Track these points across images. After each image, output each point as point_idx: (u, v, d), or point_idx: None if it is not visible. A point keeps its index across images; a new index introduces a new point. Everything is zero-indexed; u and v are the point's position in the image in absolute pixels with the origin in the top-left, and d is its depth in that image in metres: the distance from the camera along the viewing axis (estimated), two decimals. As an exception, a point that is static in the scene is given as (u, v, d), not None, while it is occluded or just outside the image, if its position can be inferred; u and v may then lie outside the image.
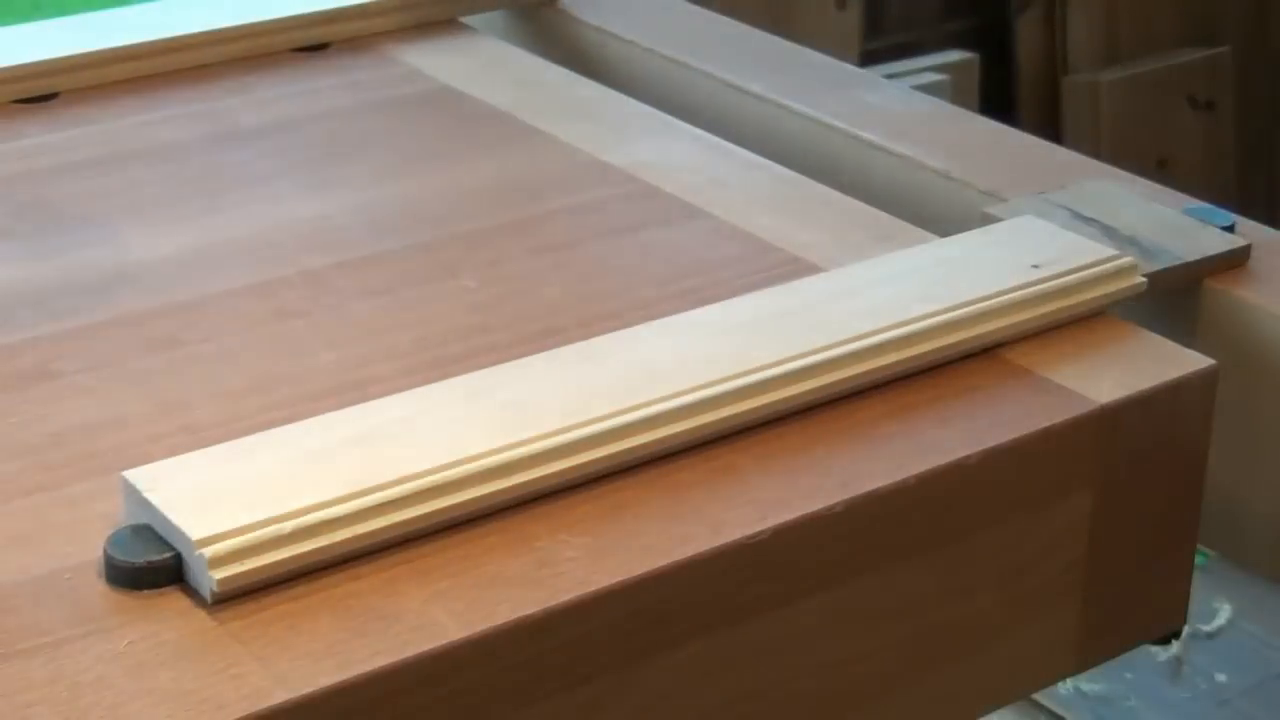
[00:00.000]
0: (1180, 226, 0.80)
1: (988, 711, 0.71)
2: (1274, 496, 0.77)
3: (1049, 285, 0.72)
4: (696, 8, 1.10)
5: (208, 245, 0.81)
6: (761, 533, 0.60)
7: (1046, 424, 0.66)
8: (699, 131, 0.93)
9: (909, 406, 0.67)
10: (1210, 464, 0.72)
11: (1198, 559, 0.74)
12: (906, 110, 0.95)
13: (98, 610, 0.56)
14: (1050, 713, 1.71)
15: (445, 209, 0.84)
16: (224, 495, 0.58)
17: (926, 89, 2.26)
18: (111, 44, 0.98)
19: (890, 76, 2.22)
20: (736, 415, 0.65)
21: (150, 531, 0.58)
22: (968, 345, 0.70)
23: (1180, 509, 0.72)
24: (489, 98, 0.97)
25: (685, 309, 0.72)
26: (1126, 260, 0.75)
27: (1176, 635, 0.76)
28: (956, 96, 2.34)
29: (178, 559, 0.57)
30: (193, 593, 0.56)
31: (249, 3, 1.03)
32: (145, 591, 0.57)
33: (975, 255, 0.75)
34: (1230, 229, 0.80)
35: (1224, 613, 1.84)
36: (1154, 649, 1.71)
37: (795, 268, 0.78)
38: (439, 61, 1.01)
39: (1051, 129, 2.57)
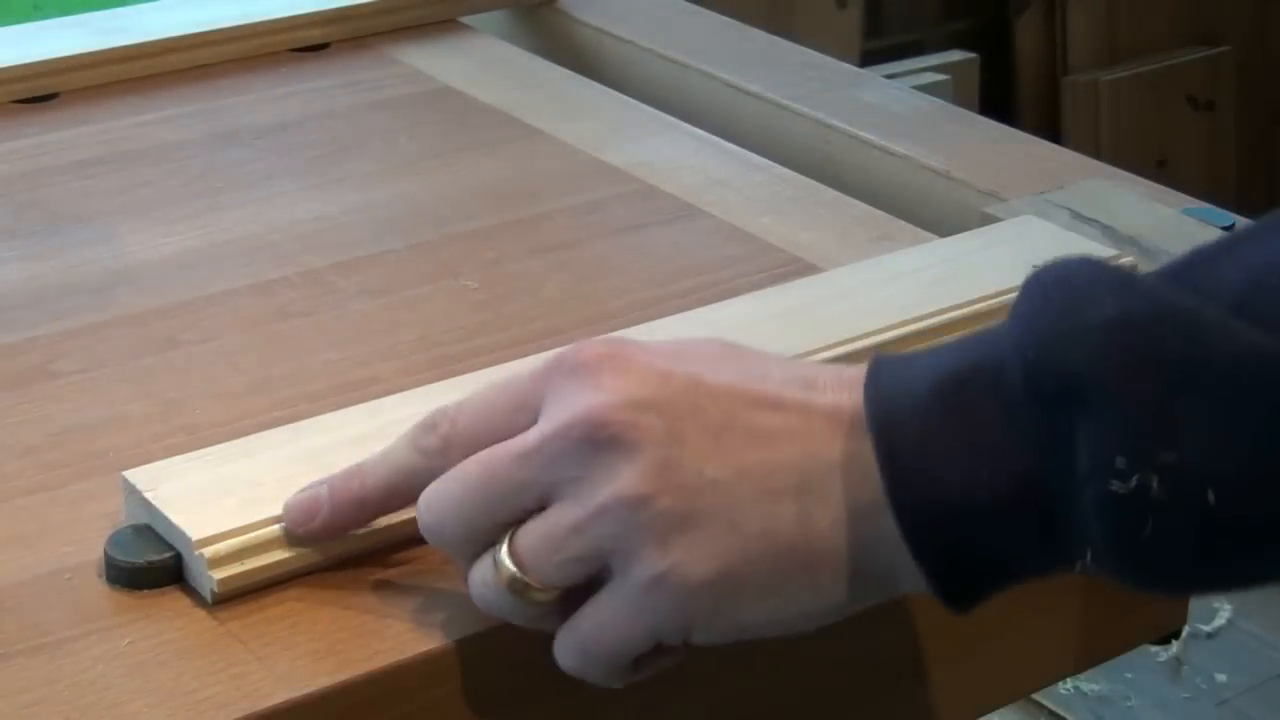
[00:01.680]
0: (1180, 226, 0.80)
1: (988, 711, 0.71)
2: (1274, 496, 0.77)
3: (1049, 285, 0.72)
4: (696, 8, 1.10)
5: (208, 245, 0.81)
6: (761, 533, 0.60)
7: (1046, 424, 0.66)
8: (699, 131, 0.93)
9: (909, 406, 0.67)
10: (1210, 464, 0.72)
11: (1198, 559, 0.73)
12: (906, 110, 0.95)
13: (98, 610, 0.56)
14: (1050, 713, 1.70)
15: (445, 209, 0.84)
16: (224, 495, 0.58)
17: (926, 89, 2.26)
18: (111, 44, 0.98)
19: (890, 76, 2.22)
20: (736, 415, 0.65)
21: (150, 531, 0.58)
22: (968, 345, 0.70)
23: (1180, 509, 0.72)
24: (489, 98, 0.97)
25: (685, 309, 0.72)
26: (1126, 260, 0.75)
27: (1176, 635, 0.76)
28: (956, 96, 2.34)
29: (178, 559, 0.57)
30: (193, 593, 0.57)
31: (249, 3, 1.03)
32: (145, 591, 0.57)
33: (975, 255, 0.75)
34: (1230, 229, 0.80)
35: (1224, 613, 1.84)
36: (1154, 649, 1.71)
37: (795, 268, 0.78)
38: (439, 61, 1.01)
39: (1051, 129, 2.57)
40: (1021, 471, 0.49)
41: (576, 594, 0.53)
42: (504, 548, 0.53)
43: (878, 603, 0.53)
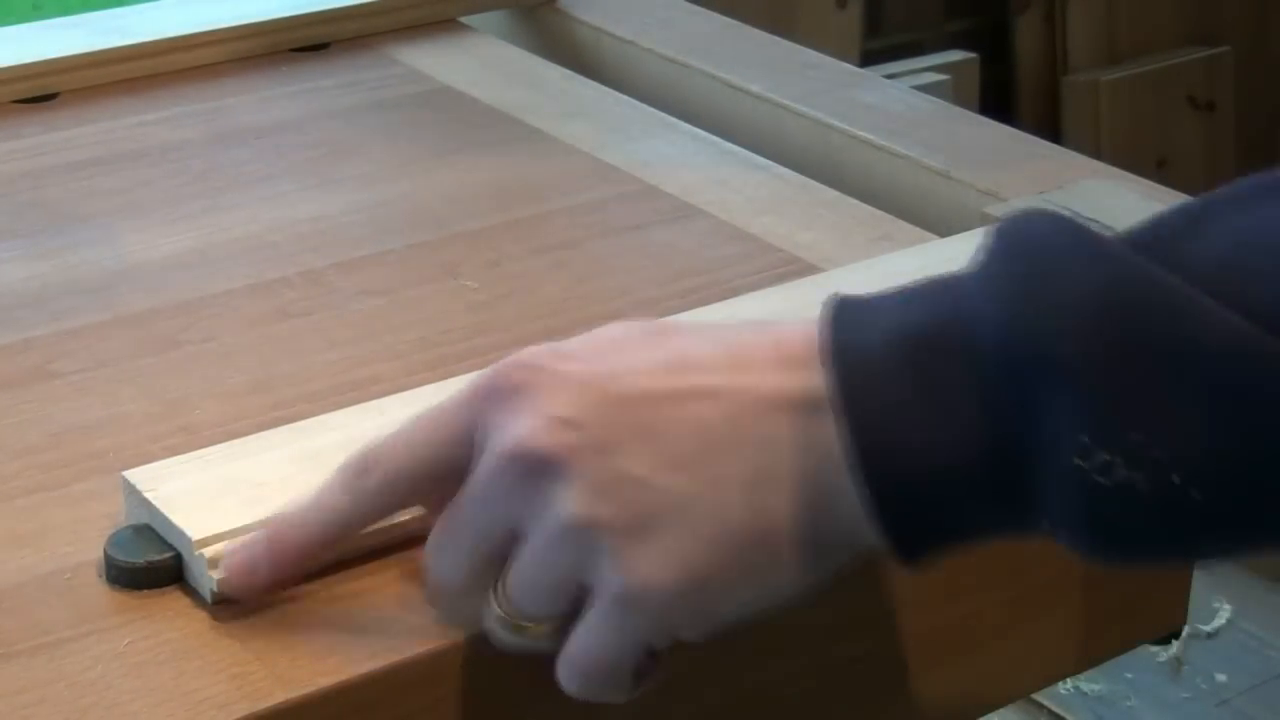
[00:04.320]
0: (1180, 226, 0.80)
1: (988, 711, 0.71)
2: (1274, 496, 0.77)
3: (1049, 285, 0.72)
4: (696, 8, 1.10)
5: (208, 245, 0.81)
6: (761, 533, 0.60)
7: (1046, 424, 0.66)
8: (699, 131, 0.93)
9: (909, 406, 0.67)
10: (1210, 464, 0.72)
11: (1198, 559, 0.73)
12: (906, 110, 0.95)
13: (98, 610, 0.56)
14: (1050, 713, 1.71)
15: (445, 209, 0.84)
16: (224, 495, 0.58)
17: (926, 89, 2.26)
18: (111, 44, 0.98)
19: (890, 76, 2.22)
20: (736, 415, 0.65)
21: (150, 531, 0.58)
22: (968, 345, 0.70)
23: (1180, 509, 0.72)
24: (489, 98, 0.97)
25: (685, 309, 0.72)
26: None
27: (1176, 635, 0.76)
28: (956, 96, 2.34)
29: (178, 559, 0.57)
30: (193, 593, 0.57)
31: (249, 3, 1.03)
32: (145, 591, 0.57)
33: (975, 255, 0.75)
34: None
35: (1224, 613, 1.84)
36: (1154, 649, 1.71)
37: (795, 268, 0.78)
38: (439, 61, 1.01)
39: (1051, 129, 2.57)
40: (987, 437, 0.49)
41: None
42: (496, 589, 0.53)
43: (845, 563, 0.52)
